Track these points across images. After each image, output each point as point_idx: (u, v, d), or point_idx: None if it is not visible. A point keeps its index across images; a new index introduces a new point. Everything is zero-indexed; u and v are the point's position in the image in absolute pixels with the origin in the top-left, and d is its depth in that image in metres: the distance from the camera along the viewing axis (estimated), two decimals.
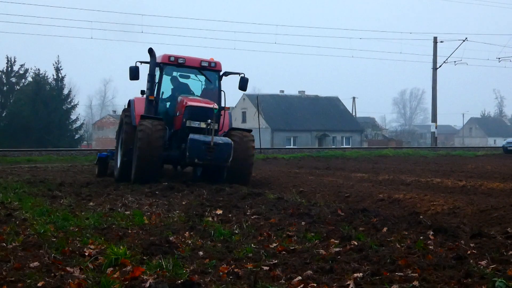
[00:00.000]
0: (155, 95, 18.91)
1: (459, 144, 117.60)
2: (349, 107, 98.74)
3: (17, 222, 9.63)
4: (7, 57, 72.33)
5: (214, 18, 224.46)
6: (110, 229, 9.14)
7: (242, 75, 19.84)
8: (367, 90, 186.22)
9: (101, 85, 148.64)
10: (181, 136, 17.99)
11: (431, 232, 8.46)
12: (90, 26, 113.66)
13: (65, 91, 72.91)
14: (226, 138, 17.63)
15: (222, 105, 19.22)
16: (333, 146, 70.21)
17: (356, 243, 7.76)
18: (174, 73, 20.01)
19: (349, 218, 10.11)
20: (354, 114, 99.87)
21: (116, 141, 20.89)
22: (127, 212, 11.05)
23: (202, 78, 20.05)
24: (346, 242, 7.93)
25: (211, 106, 18.05)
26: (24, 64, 72.92)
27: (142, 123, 17.46)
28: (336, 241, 8.03)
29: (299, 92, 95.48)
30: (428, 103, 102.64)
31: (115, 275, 6.12)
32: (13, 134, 63.56)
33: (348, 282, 5.78)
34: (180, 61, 19.27)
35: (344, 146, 73.97)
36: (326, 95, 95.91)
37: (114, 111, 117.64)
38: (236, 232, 8.97)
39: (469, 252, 7.01)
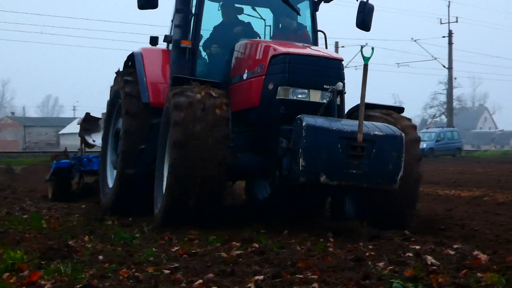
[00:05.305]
0: (191, 39, 10.01)
1: None
2: None
3: None
4: None
5: None
6: (7, 233, 8.87)
7: None
8: None
9: None
10: (263, 123, 9.16)
11: (331, 235, 8.59)
12: None
13: None
14: (386, 125, 8.39)
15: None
16: None
17: (257, 246, 7.79)
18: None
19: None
20: None
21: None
22: (25, 216, 10.77)
23: (267, 12, 10.96)
24: (247, 244, 7.95)
25: (335, 56, 9.22)
26: None
27: (180, 91, 8.64)
28: (237, 244, 8.04)
29: None
30: None
31: (12, 280, 5.95)
32: None
33: (249, 285, 5.79)
34: None
35: None
36: None
37: (13, 113, 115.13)
38: (137, 236, 8.86)
39: (367, 254, 7.15)
